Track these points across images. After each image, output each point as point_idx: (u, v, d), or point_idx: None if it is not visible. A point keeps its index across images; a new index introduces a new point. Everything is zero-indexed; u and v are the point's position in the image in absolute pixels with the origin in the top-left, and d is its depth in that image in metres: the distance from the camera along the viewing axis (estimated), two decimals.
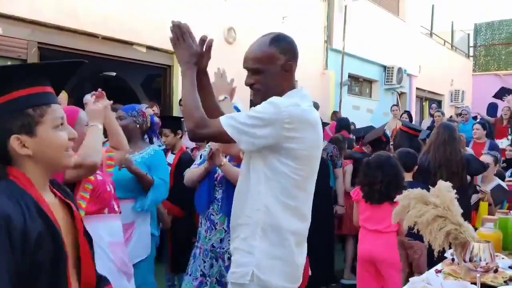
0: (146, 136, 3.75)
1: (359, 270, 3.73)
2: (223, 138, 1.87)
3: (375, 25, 12.75)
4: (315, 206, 4.19)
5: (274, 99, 1.83)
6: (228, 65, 9.04)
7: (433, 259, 2.56)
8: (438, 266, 2.49)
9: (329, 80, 11.27)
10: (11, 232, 1.23)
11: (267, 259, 1.87)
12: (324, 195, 4.65)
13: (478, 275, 1.77)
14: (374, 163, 3.66)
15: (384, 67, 13.68)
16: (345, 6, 11.27)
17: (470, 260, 1.73)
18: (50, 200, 1.43)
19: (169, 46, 8.21)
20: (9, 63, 5.73)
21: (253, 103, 2.04)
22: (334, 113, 10.60)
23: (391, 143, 6.57)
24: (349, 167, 5.51)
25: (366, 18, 12.43)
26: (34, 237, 1.27)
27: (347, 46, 11.50)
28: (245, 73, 7.94)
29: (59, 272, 1.35)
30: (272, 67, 1.91)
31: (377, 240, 3.55)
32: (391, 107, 11.02)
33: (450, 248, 1.93)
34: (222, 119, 1.83)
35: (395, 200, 2.02)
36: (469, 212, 4.42)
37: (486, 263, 1.72)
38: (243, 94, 3.35)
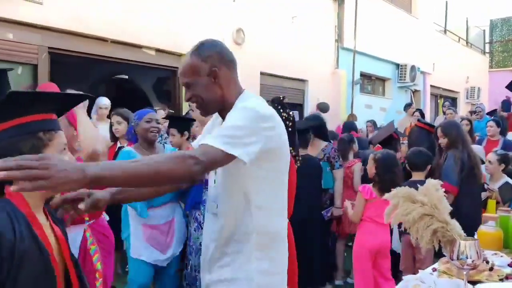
0: (161, 139, 3.85)
1: (367, 265, 3.79)
2: (223, 161, 1.64)
3: (387, 23, 12.67)
4: (305, 207, 4.20)
5: (240, 105, 1.76)
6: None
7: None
8: (436, 265, 2.49)
9: (340, 79, 11.24)
10: (1, 249, 1.30)
11: (268, 277, 1.79)
12: (315, 196, 4.58)
13: (464, 272, 1.77)
14: (392, 160, 3.85)
15: (397, 65, 13.59)
16: (356, 4, 11.23)
17: (457, 258, 1.72)
18: (43, 221, 1.50)
19: (177, 49, 8.27)
20: (20, 68, 5.86)
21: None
22: (351, 115, 10.57)
23: (404, 140, 6.53)
24: (357, 166, 5.45)
25: (378, 16, 12.36)
26: (19, 256, 1.33)
27: (358, 45, 11.45)
28: (254, 74, 8.04)
29: (48, 279, 1.42)
30: (199, 78, 1.79)
31: (387, 233, 3.79)
32: (410, 105, 10.92)
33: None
34: (209, 141, 1.62)
35: (384, 198, 2.03)
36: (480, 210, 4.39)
37: (473, 261, 1.71)
38: None
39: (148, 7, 7.00)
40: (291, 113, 3.08)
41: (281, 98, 3.09)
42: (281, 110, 3.01)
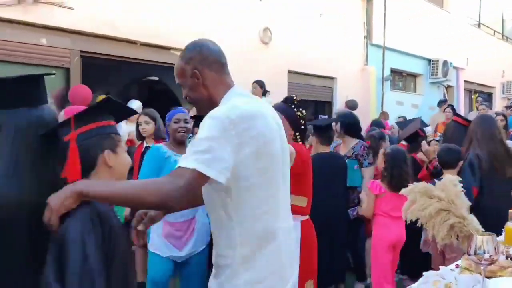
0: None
1: (386, 258, 3.82)
2: (200, 182, 1.62)
3: (417, 17, 12.47)
4: (328, 206, 4.18)
5: (211, 113, 1.72)
6: (263, 65, 9.14)
7: None
8: (459, 261, 2.46)
9: (369, 76, 11.13)
10: (103, 227, 1.57)
11: (255, 286, 1.76)
12: (339, 195, 4.48)
13: (482, 268, 1.75)
14: (401, 155, 3.91)
15: (429, 60, 13.36)
16: (385, 0, 11.11)
17: (474, 253, 1.71)
18: None
19: None
20: (53, 71, 6.07)
21: None
22: (383, 113, 10.47)
23: (436, 137, 6.40)
24: None
25: (408, 11, 12.18)
26: (114, 239, 1.60)
27: (388, 41, 11.32)
28: (281, 72, 8.01)
29: (130, 264, 1.76)
30: (186, 80, 1.85)
31: (402, 225, 3.79)
32: (444, 102, 10.74)
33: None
34: (181, 163, 1.60)
35: (401, 193, 2.03)
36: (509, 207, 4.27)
37: (490, 256, 1.69)
38: (278, 96, 3.34)
39: (174, 10, 7.11)
40: (303, 111, 3.12)
41: (294, 97, 3.13)
42: (295, 110, 3.05)
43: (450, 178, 1.90)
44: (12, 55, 5.57)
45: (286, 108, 3.05)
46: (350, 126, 4.95)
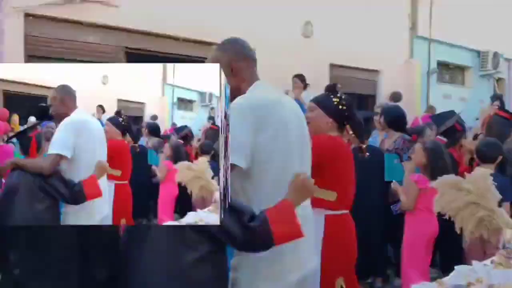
0: None
1: (427, 250, 3.79)
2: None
3: (465, 7, 12.04)
4: (363, 203, 4.14)
5: (233, 102, 1.86)
6: (304, 59, 9.10)
7: None
8: (495, 257, 2.42)
9: (414, 69, 10.88)
10: None
11: (275, 259, 1.84)
12: (376, 191, 4.41)
13: (511, 262, 1.72)
14: (441, 148, 3.90)
15: (478, 52, 12.90)
16: None
17: (503, 247, 1.69)
18: None
19: None
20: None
21: None
22: (430, 107, 10.22)
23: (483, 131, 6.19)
24: None
25: (454, 1, 11.78)
26: None
27: (434, 32, 11.01)
28: (323, 66, 7.97)
29: None
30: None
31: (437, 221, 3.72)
32: (499, 97, 10.38)
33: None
34: None
35: (431, 186, 2.02)
36: None
37: None
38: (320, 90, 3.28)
39: (217, 5, 7.20)
40: (343, 96, 2.98)
41: (333, 85, 3.05)
42: (331, 96, 2.95)
43: (481, 171, 1.88)
44: (61, 52, 5.84)
45: (322, 97, 2.98)
46: (394, 119, 4.88)
